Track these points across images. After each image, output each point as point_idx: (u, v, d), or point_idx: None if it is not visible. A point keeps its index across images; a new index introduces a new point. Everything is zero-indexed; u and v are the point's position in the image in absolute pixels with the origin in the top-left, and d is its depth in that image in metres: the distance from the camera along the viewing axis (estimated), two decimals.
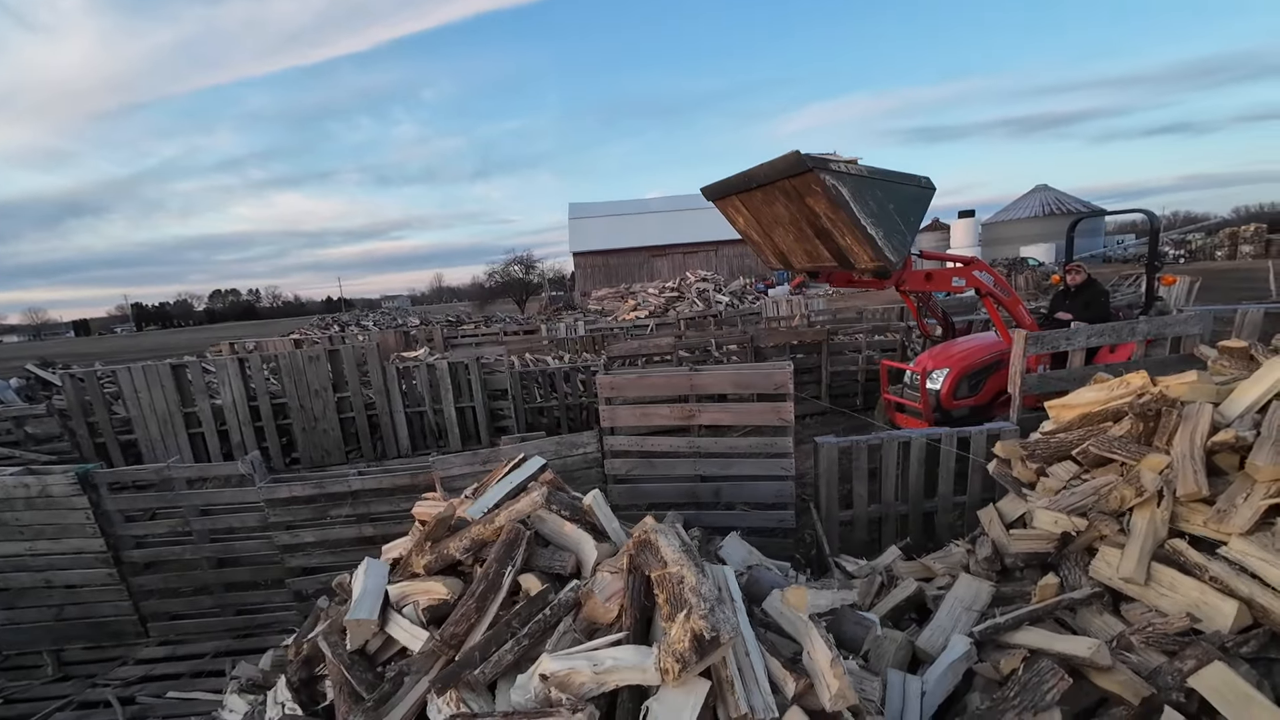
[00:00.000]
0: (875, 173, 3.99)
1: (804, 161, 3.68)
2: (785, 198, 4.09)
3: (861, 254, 4.05)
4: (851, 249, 4.09)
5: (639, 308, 14.45)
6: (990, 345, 5.44)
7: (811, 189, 3.80)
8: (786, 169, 3.82)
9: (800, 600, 1.97)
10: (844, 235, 4.00)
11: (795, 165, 3.74)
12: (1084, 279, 5.51)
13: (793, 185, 3.92)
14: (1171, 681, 1.96)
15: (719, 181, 4.71)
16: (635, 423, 3.91)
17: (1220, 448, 2.43)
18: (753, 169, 4.17)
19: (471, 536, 2.41)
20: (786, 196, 4.07)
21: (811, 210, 3.99)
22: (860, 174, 3.87)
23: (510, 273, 50.74)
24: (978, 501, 3.98)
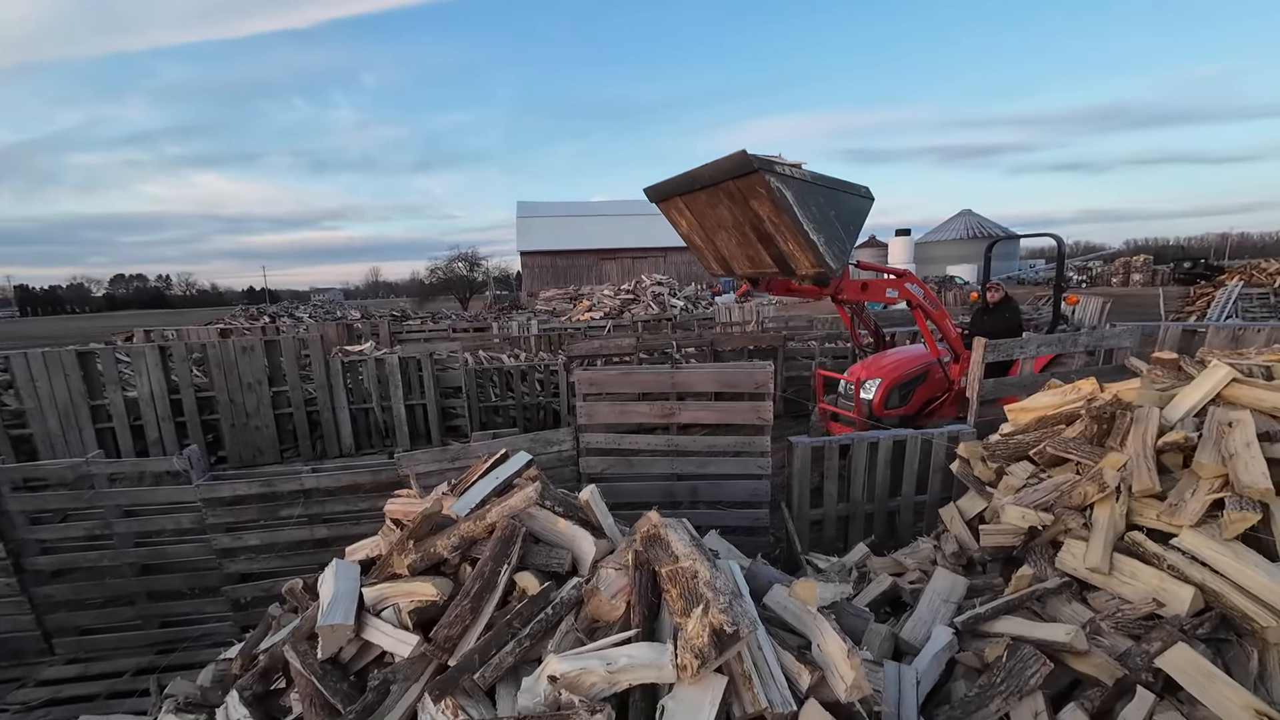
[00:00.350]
0: (819, 179, 3.97)
1: (750, 162, 3.58)
2: (729, 200, 3.98)
3: (803, 260, 3.99)
4: (793, 254, 4.02)
5: (594, 309, 14.34)
6: (918, 357, 5.68)
7: (756, 191, 3.72)
8: (732, 169, 3.72)
9: (809, 593, 1.97)
10: (786, 240, 3.93)
11: (741, 166, 3.64)
12: (1001, 296, 5.95)
13: (737, 187, 3.82)
14: (1140, 663, 2.10)
15: (662, 182, 4.52)
16: (614, 420, 3.84)
17: (1169, 448, 2.65)
18: (697, 169, 4.04)
19: (460, 534, 2.27)
20: (730, 199, 3.96)
21: (755, 213, 3.91)
22: (804, 179, 3.84)
23: (454, 270, 49.26)
24: (937, 500, 4.18)
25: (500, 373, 8.51)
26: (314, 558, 3.77)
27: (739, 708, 1.77)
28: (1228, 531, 2.29)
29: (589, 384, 3.80)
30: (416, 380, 7.89)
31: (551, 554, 2.25)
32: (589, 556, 2.24)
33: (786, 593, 2.08)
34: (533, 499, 2.34)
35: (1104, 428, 3.03)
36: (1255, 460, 2.39)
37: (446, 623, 1.98)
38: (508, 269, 52.61)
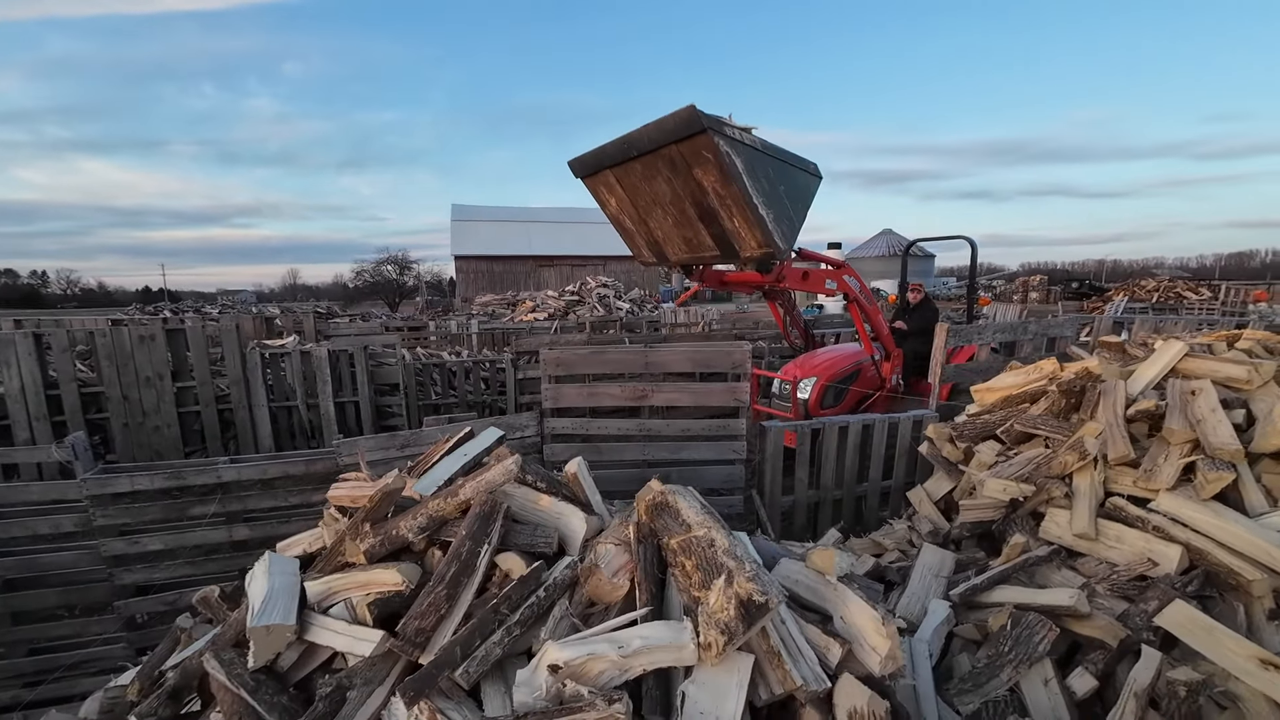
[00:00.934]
0: (769, 148, 3.56)
1: (699, 119, 3.08)
2: (670, 170, 3.50)
3: (749, 239, 3.55)
4: (738, 233, 3.57)
5: (538, 309, 13.91)
6: (851, 355, 5.70)
7: (702, 157, 3.25)
8: (677, 129, 3.21)
9: (828, 562, 1.81)
10: (732, 216, 3.50)
11: (689, 124, 3.14)
12: (922, 297, 6.19)
13: (680, 152, 3.34)
14: (1140, 622, 2.09)
15: (591, 152, 3.89)
16: (582, 403, 3.58)
17: (1139, 416, 2.74)
18: (635, 132, 3.47)
19: (429, 513, 1.95)
20: (672, 168, 3.48)
21: (698, 185, 3.43)
22: (755, 146, 3.43)
23: (382, 273, 46.86)
24: (902, 485, 4.20)
25: (442, 369, 7.99)
26: (232, 562, 3.25)
27: (765, 689, 1.57)
28: (1205, 491, 2.36)
29: (556, 364, 3.52)
30: (348, 376, 7.23)
31: (536, 533, 1.98)
32: (579, 534, 1.98)
33: (803, 564, 1.91)
34: (513, 472, 2.05)
35: (1072, 402, 3.11)
36: (1222, 424, 2.49)
37: (418, 613, 1.66)
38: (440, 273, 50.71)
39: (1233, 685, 1.86)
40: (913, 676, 1.95)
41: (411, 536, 1.91)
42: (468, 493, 1.97)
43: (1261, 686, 1.79)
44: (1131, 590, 2.25)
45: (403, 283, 46.21)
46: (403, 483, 2.04)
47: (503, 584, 1.81)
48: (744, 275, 4.44)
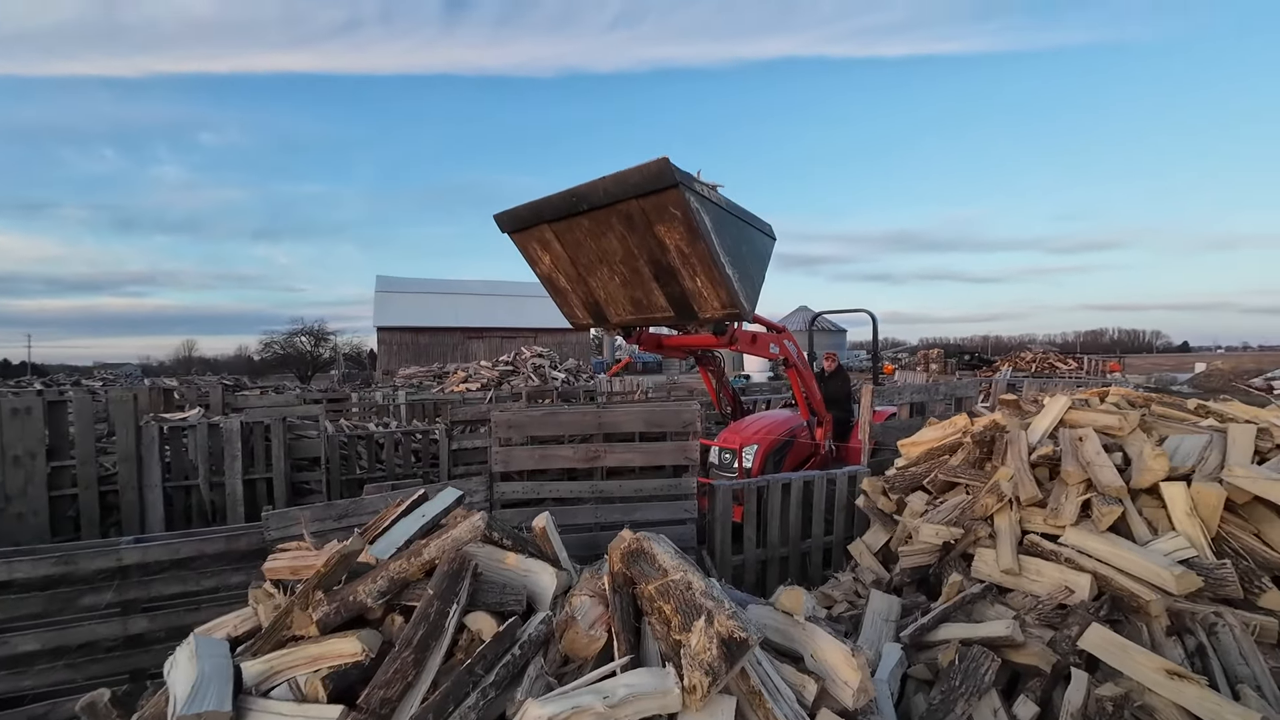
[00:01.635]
0: (732, 208, 3.49)
1: (672, 173, 2.96)
2: (626, 225, 3.30)
3: (712, 299, 3.40)
4: (700, 293, 3.41)
5: (470, 379, 13.59)
6: (783, 422, 5.83)
7: (669, 213, 3.11)
8: (643, 183, 3.06)
9: (796, 602, 1.89)
10: (694, 275, 3.34)
11: (659, 177, 2.99)
12: (836, 366, 6.68)
13: (642, 208, 3.16)
14: (1067, 647, 2.29)
15: (526, 205, 3.63)
16: (534, 465, 3.54)
17: (1040, 461, 3.10)
18: (587, 185, 3.29)
19: (390, 575, 1.85)
20: (628, 224, 3.28)
21: (659, 242, 3.28)
22: (721, 204, 3.35)
23: (295, 344, 44.24)
24: (842, 540, 4.37)
25: (369, 441, 7.55)
26: (122, 662, 2.82)
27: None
28: (1101, 524, 2.68)
29: (508, 426, 3.50)
30: (262, 451, 6.68)
31: (505, 592, 1.92)
32: (549, 591, 1.95)
33: (770, 607, 1.97)
34: (479, 529, 2.01)
35: (984, 451, 3.47)
36: (1107, 465, 2.88)
37: (382, 681, 1.55)
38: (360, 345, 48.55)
39: (1148, 698, 2.06)
40: (879, 714, 2.01)
41: (370, 601, 1.80)
42: (433, 552, 1.91)
43: (1170, 695, 2.00)
44: (1055, 618, 2.46)
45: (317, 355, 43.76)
46: (360, 546, 1.93)
47: (471, 647, 1.73)
48: (695, 338, 4.46)
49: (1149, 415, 3.40)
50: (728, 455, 5.65)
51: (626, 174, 3.14)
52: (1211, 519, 2.58)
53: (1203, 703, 1.93)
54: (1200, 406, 3.42)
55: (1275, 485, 2.52)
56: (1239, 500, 2.65)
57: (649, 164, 3.05)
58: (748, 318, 3.75)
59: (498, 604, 1.87)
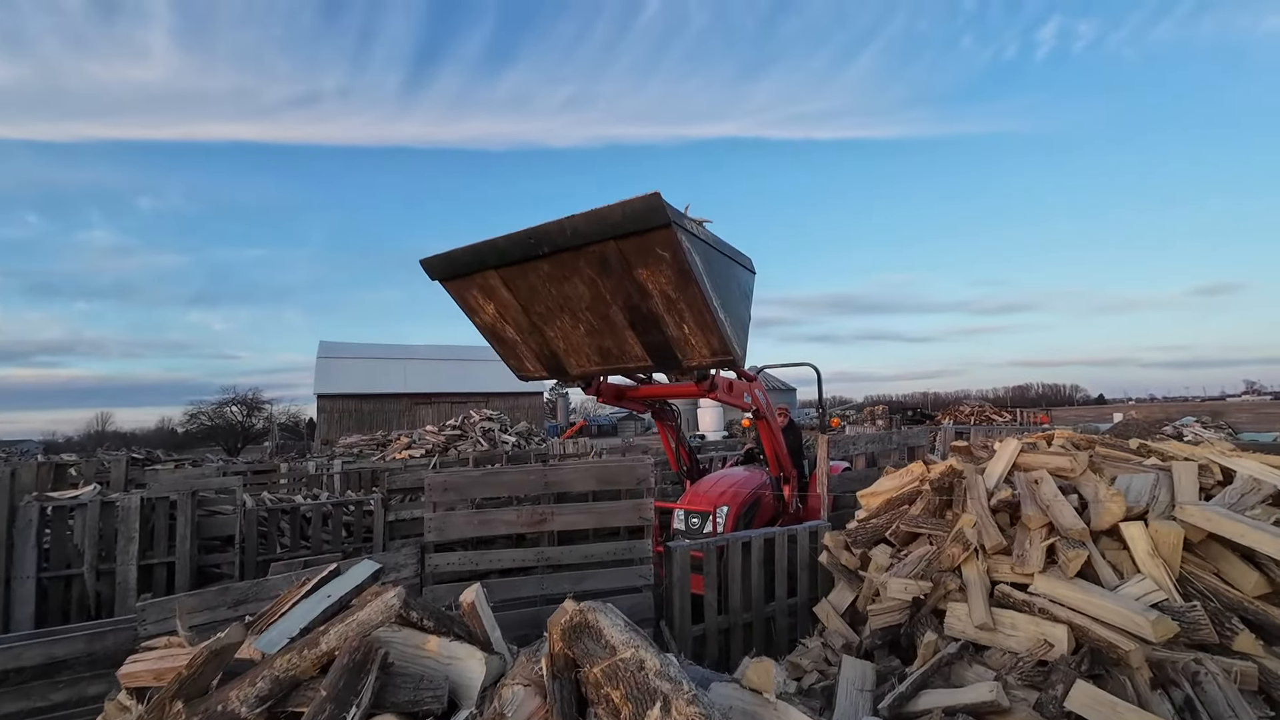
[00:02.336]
0: (719, 244, 3.08)
1: (664, 210, 2.53)
2: (598, 269, 2.87)
3: (701, 346, 3.02)
4: (688, 341, 3.04)
5: (414, 445, 12.83)
6: (747, 480, 5.53)
7: (655, 255, 2.68)
8: (626, 222, 2.62)
9: (766, 678, 1.65)
10: (682, 322, 2.96)
11: (648, 215, 2.56)
12: (788, 421, 6.60)
13: (620, 250, 2.73)
14: (1054, 710, 2.11)
15: (465, 249, 3.16)
16: (473, 532, 3.20)
17: (1000, 506, 3.03)
18: (555, 223, 2.84)
19: (273, 675, 1.51)
20: (601, 267, 2.85)
21: (640, 287, 2.86)
22: (710, 242, 2.97)
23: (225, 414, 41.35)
24: (807, 601, 4.13)
25: (293, 515, 6.85)
26: None
27: None
28: (1069, 570, 2.59)
29: (443, 488, 3.17)
30: (164, 530, 5.92)
31: (422, 686, 1.59)
32: (477, 681, 1.64)
33: (735, 684, 1.72)
34: (394, 608, 1.70)
35: (944, 499, 3.38)
36: (1066, 508, 2.83)
37: None
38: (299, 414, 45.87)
39: None
40: None
41: (246, 711, 1.44)
42: (332, 641, 1.58)
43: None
44: (1037, 677, 2.30)
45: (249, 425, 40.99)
46: (239, 638, 1.58)
47: None
48: (668, 388, 4.12)
49: (1096, 456, 3.43)
50: (696, 519, 5.18)
51: (605, 211, 2.68)
52: (1174, 559, 2.53)
53: None
54: (1142, 446, 3.48)
55: (1228, 523, 2.51)
56: (1194, 539, 2.62)
57: (635, 200, 2.60)
58: (741, 364, 3.37)
59: (411, 702, 1.54)
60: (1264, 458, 3.13)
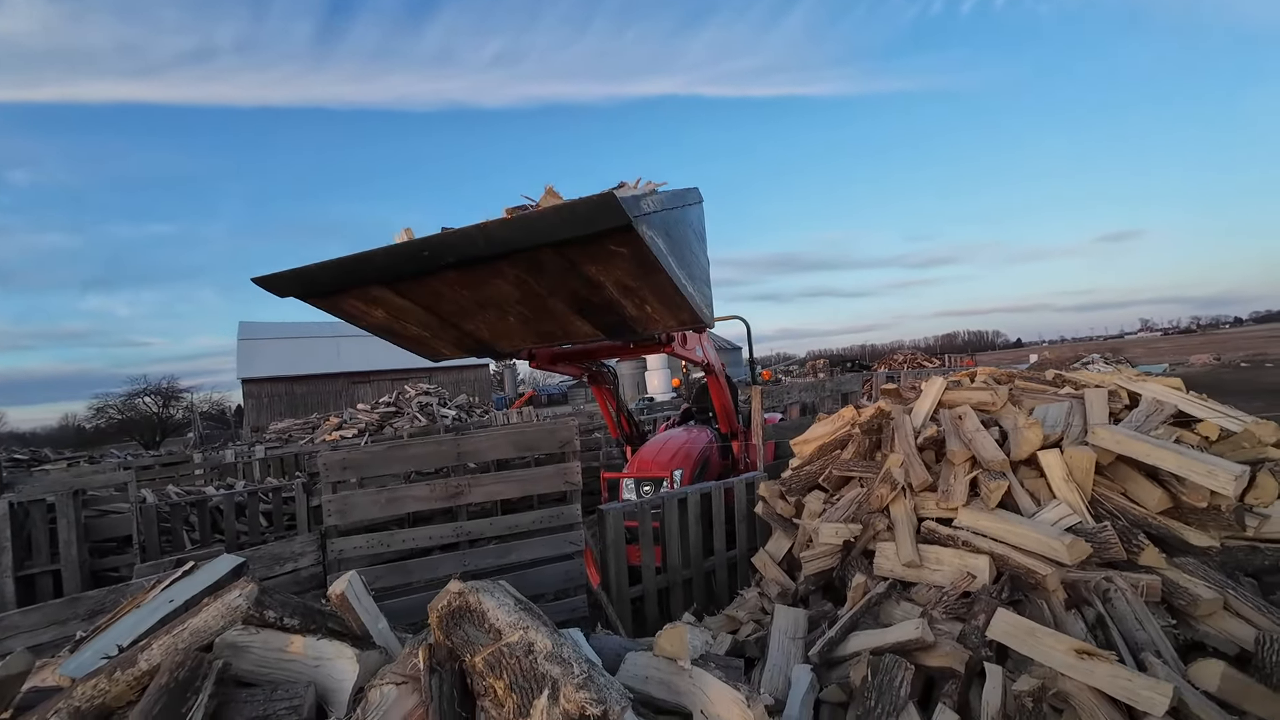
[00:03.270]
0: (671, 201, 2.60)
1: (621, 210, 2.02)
2: (532, 271, 2.49)
3: (667, 320, 2.81)
4: (650, 319, 2.81)
5: (346, 425, 12.13)
6: (693, 440, 5.35)
7: (607, 252, 2.31)
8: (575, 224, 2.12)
9: (679, 644, 1.50)
10: (644, 303, 2.69)
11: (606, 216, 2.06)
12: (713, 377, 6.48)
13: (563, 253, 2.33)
14: (976, 640, 2.10)
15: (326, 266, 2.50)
16: (379, 513, 2.92)
17: (926, 444, 3.02)
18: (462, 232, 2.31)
19: (71, 706, 1.22)
20: (535, 270, 2.47)
21: (590, 281, 2.53)
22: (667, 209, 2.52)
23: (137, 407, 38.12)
24: (746, 552, 4.11)
25: (202, 507, 6.29)
26: None
27: None
28: (990, 501, 2.59)
29: (341, 468, 2.85)
30: (46, 537, 5.28)
31: (275, 697, 1.35)
32: (349, 681, 1.41)
33: (650, 654, 1.57)
34: (240, 609, 1.43)
35: (874, 440, 3.36)
36: (988, 440, 2.83)
37: None
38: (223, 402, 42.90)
39: (1061, 684, 1.90)
40: None
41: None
42: (155, 657, 1.30)
43: (1083, 678, 1.84)
44: (961, 609, 2.29)
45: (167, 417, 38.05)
46: (26, 663, 1.28)
47: None
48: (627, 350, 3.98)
49: (1015, 390, 3.48)
50: (649, 486, 4.88)
51: (540, 216, 2.18)
52: (1086, 482, 2.57)
53: (1115, 681, 1.78)
54: (1058, 376, 3.56)
55: (1136, 443, 2.56)
56: (1104, 461, 2.68)
57: (586, 202, 2.11)
58: (711, 324, 3.06)
59: (260, 718, 1.30)
60: (1165, 380, 3.25)
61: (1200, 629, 2.12)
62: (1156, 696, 1.69)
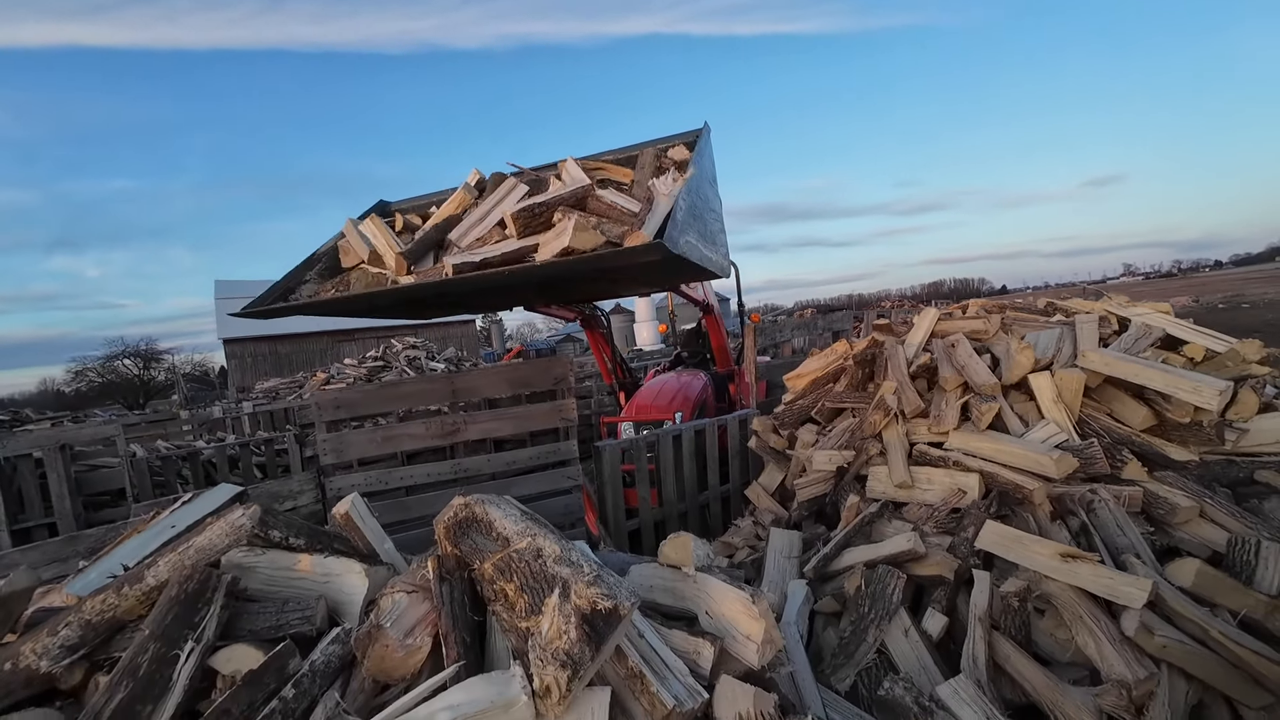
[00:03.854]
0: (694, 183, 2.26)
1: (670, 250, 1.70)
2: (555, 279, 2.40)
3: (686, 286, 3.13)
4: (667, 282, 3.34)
5: (333, 381, 12.05)
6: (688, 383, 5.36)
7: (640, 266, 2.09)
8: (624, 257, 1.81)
9: (684, 552, 1.53)
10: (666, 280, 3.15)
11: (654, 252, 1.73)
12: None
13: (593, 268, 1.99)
14: (965, 550, 2.18)
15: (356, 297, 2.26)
16: (375, 451, 2.91)
17: (919, 372, 3.05)
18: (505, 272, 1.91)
19: (84, 619, 1.23)
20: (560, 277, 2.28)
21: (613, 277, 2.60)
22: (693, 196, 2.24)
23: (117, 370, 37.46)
24: (739, 486, 4.20)
25: (194, 460, 6.27)
26: None
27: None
28: (981, 423, 2.64)
29: (334, 407, 2.83)
30: (37, 491, 5.26)
31: (287, 610, 1.37)
32: (359, 596, 1.42)
33: (655, 563, 1.60)
34: (244, 528, 1.42)
35: (866, 373, 3.39)
36: (980, 366, 2.86)
37: None
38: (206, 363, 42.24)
39: (1045, 585, 1.98)
40: (789, 663, 1.73)
41: (47, 664, 1.17)
42: (161, 573, 1.30)
43: (1066, 578, 1.93)
44: (951, 524, 2.37)
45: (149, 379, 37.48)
46: (29, 581, 1.27)
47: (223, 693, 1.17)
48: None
49: (1007, 319, 3.50)
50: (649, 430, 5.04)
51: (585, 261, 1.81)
52: (1074, 403, 2.62)
53: (1097, 579, 1.86)
54: (1049, 304, 3.58)
55: (1124, 364, 2.60)
56: (1093, 384, 2.72)
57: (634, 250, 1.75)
58: (727, 275, 2.96)
59: (274, 628, 1.31)
60: (1154, 305, 3.29)
61: (1177, 535, 2.21)
62: (1136, 591, 1.77)
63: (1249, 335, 2.99)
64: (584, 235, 1.77)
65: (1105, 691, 1.67)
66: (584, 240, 1.77)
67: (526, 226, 2.02)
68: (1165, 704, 1.63)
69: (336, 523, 1.64)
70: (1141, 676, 1.64)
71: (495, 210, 2.26)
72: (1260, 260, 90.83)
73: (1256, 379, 2.64)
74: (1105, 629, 1.79)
